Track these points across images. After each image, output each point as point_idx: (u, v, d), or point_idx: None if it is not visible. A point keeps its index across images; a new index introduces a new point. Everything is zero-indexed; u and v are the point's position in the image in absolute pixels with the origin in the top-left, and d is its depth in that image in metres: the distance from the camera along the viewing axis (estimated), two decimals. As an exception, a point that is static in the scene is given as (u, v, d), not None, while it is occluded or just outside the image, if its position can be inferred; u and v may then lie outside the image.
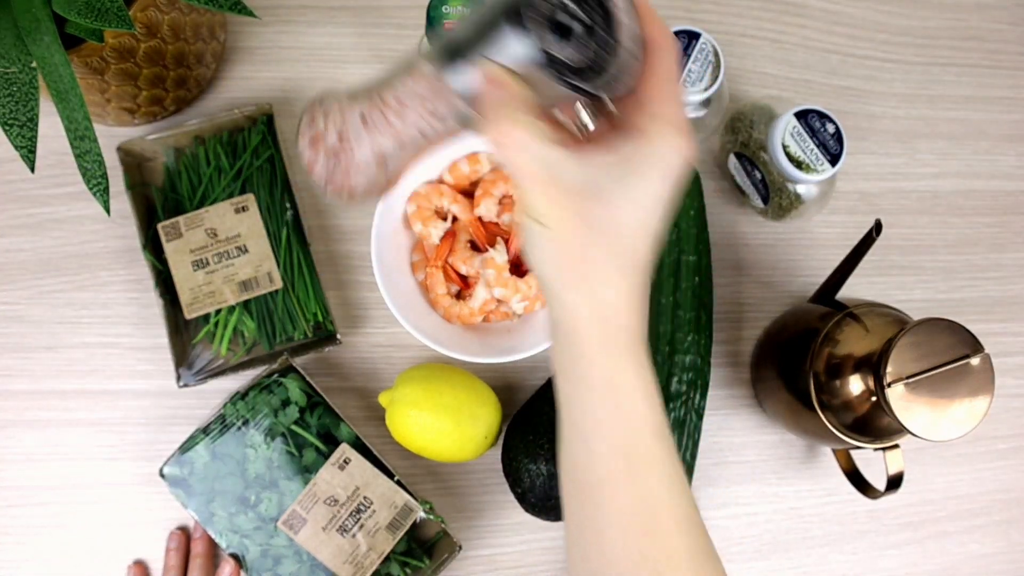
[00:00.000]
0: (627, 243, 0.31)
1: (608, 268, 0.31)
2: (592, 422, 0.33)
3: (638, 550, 0.32)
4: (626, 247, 0.31)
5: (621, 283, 0.31)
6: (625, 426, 0.32)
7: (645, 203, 0.31)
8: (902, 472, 0.55)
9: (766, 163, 0.59)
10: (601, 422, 0.32)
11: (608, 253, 0.31)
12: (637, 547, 0.33)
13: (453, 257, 0.59)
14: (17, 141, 0.43)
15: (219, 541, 0.54)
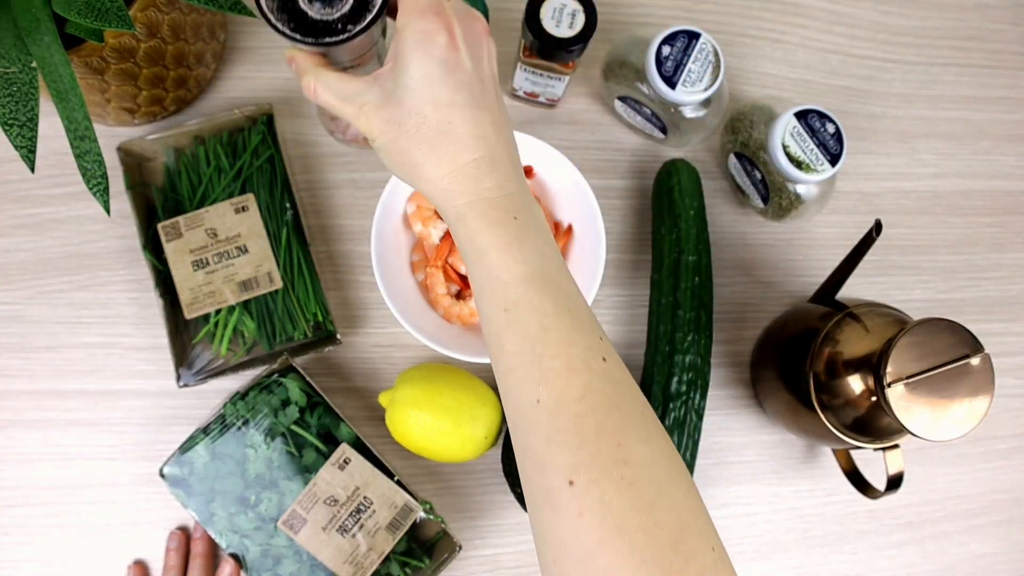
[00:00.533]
0: (426, 122, 0.37)
1: (422, 152, 0.37)
2: (476, 287, 0.37)
3: (534, 396, 0.34)
4: (427, 126, 0.37)
5: (433, 159, 0.37)
6: (494, 283, 0.36)
7: (420, 84, 0.37)
8: (902, 472, 0.55)
9: (766, 163, 0.59)
10: (480, 284, 0.37)
11: (418, 140, 0.37)
12: (532, 395, 0.34)
13: (453, 257, 0.59)
14: (17, 141, 0.43)
15: (219, 541, 0.54)
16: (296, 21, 0.38)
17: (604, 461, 0.33)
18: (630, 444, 0.33)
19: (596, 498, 0.32)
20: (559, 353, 0.34)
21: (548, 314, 0.35)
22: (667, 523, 0.32)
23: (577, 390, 0.34)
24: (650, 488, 0.33)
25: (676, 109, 0.58)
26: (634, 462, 0.33)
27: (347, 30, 0.38)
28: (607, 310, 0.64)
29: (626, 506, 0.32)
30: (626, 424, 0.34)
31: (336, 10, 0.38)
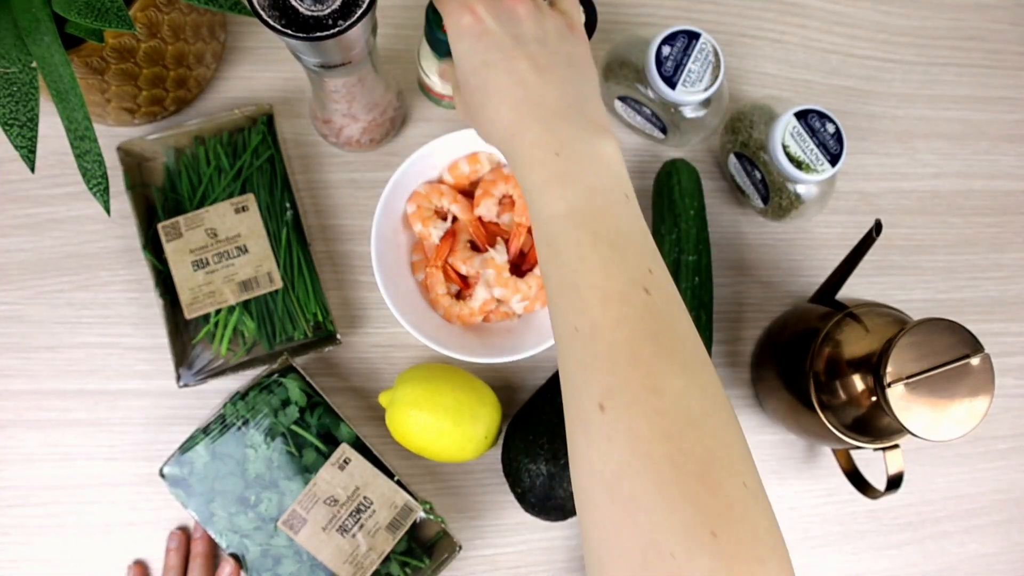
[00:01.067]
0: (471, 88, 0.41)
1: (478, 114, 0.42)
2: (532, 222, 0.40)
3: (572, 324, 0.36)
4: (473, 91, 0.41)
5: (484, 117, 0.41)
6: (536, 219, 0.38)
7: (459, 59, 0.41)
8: (902, 472, 0.55)
9: (766, 163, 0.59)
10: (533, 220, 0.39)
11: (473, 106, 0.42)
12: (571, 322, 0.36)
13: (453, 257, 0.59)
14: (17, 141, 0.43)
15: (219, 541, 0.54)
16: (288, 17, 0.38)
17: (635, 388, 0.33)
18: (663, 373, 0.34)
19: (624, 424, 0.33)
20: (595, 283, 0.36)
21: (585, 247, 0.36)
22: (694, 454, 0.32)
23: (612, 319, 0.35)
24: (680, 418, 0.33)
25: (676, 109, 0.58)
26: (666, 391, 0.33)
27: (337, 26, 0.39)
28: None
29: (654, 434, 0.33)
30: (661, 354, 0.34)
31: (326, 6, 0.39)
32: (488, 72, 0.40)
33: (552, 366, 0.63)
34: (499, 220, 0.60)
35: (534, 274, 0.59)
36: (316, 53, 0.42)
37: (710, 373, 0.35)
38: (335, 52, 0.42)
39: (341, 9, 0.39)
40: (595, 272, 0.36)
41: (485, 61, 0.40)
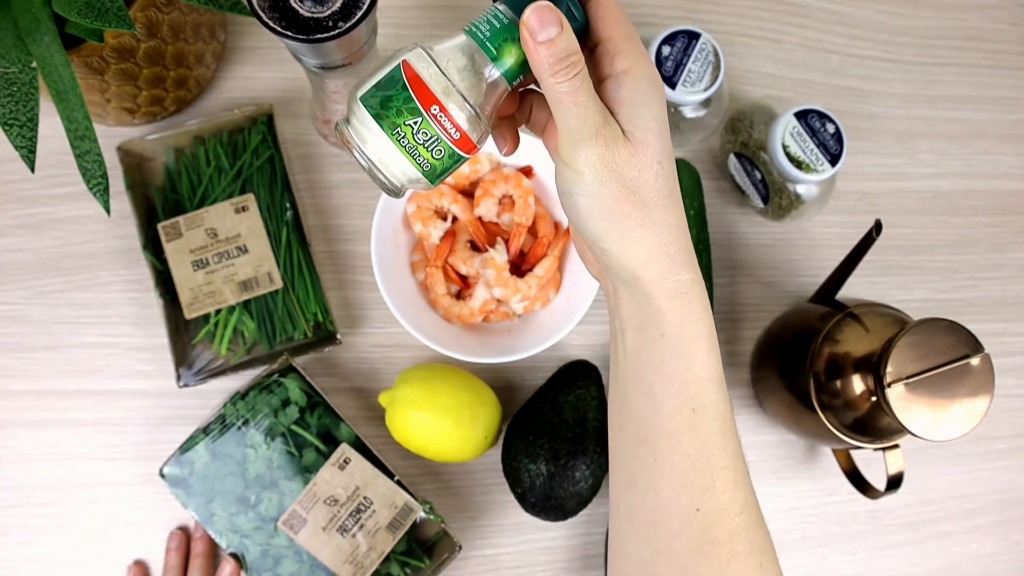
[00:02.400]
0: (663, 174, 0.32)
1: (650, 209, 0.32)
2: (659, 374, 0.33)
3: (694, 504, 0.33)
4: (663, 179, 0.32)
5: (659, 217, 0.32)
6: (690, 377, 0.33)
7: (659, 131, 0.32)
8: (902, 472, 0.55)
9: (766, 163, 0.59)
10: (671, 373, 0.33)
11: (650, 193, 0.32)
12: (693, 501, 0.33)
13: (453, 257, 0.59)
14: (17, 141, 0.43)
15: (219, 541, 0.54)
16: (288, 19, 0.38)
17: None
18: (770, 564, 0.34)
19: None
20: (731, 464, 0.34)
21: (728, 421, 0.34)
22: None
23: (739, 504, 0.34)
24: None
25: (676, 109, 0.58)
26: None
27: (338, 27, 0.39)
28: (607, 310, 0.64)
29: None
30: (766, 543, 0.34)
31: (327, 8, 0.39)
32: (669, 166, 0.33)
33: (552, 366, 0.63)
34: (499, 220, 0.60)
35: (534, 274, 0.59)
36: (316, 54, 0.42)
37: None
38: (335, 53, 0.42)
39: (341, 11, 0.39)
40: (733, 452, 0.34)
41: (669, 152, 0.33)
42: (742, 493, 0.34)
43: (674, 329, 0.33)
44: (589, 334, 0.64)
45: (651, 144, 0.32)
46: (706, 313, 0.33)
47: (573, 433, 0.55)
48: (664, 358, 0.33)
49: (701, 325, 0.33)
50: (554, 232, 0.60)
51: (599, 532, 0.63)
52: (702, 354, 0.33)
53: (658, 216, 0.32)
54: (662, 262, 0.32)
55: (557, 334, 0.55)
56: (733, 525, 0.33)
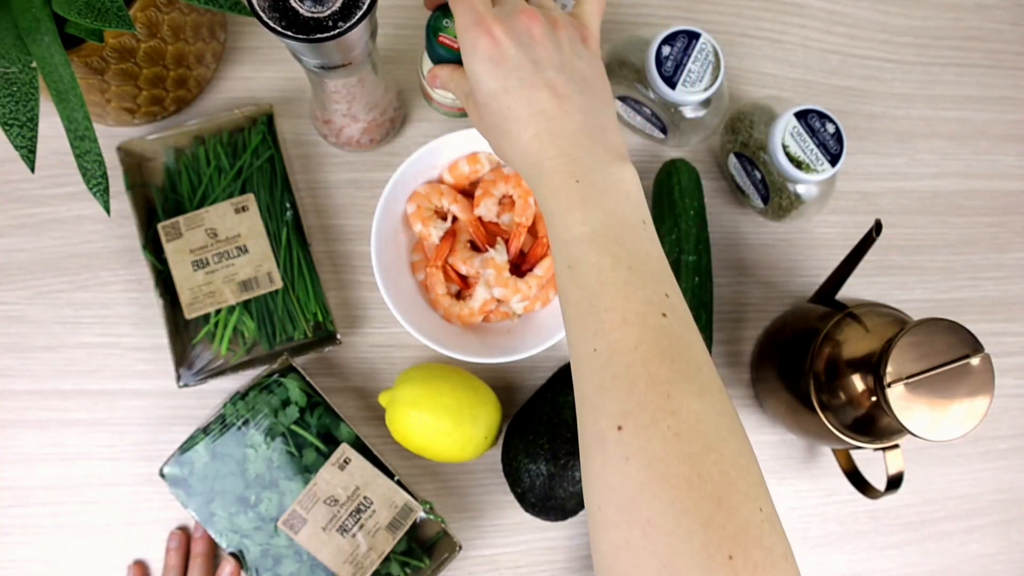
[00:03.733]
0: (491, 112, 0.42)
1: (498, 138, 0.42)
2: (552, 246, 0.41)
3: (591, 345, 0.37)
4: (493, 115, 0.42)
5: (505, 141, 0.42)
6: (558, 242, 0.39)
7: (477, 82, 0.41)
8: (902, 472, 0.55)
9: (766, 163, 0.59)
10: (552, 243, 0.40)
11: (493, 129, 0.42)
12: (589, 342, 0.37)
13: (453, 257, 0.59)
14: (17, 141, 0.43)
15: (219, 541, 0.54)
16: (287, 19, 0.39)
17: (652, 409, 0.34)
18: (680, 396, 0.34)
19: (642, 445, 0.33)
20: (614, 306, 0.36)
21: (605, 270, 0.37)
22: (712, 476, 0.33)
23: (631, 341, 0.35)
24: (697, 440, 0.34)
25: (676, 109, 0.58)
26: (683, 413, 0.34)
27: (337, 27, 0.39)
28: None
29: (671, 455, 0.33)
30: (678, 377, 0.35)
31: (326, 8, 0.39)
32: (508, 99, 0.40)
33: (552, 366, 0.63)
34: (499, 220, 0.60)
35: (534, 274, 0.59)
36: (316, 54, 0.42)
37: (725, 398, 0.36)
38: (335, 53, 0.42)
39: (341, 10, 0.39)
40: (614, 294, 0.36)
41: (505, 87, 0.40)
42: (633, 331, 0.36)
43: (542, 205, 0.41)
44: (589, 334, 0.64)
45: (476, 98, 0.42)
46: (562, 189, 0.39)
47: (573, 433, 0.55)
48: (548, 229, 0.41)
49: (553, 198, 0.39)
50: (554, 232, 0.60)
51: (599, 532, 0.63)
52: (559, 222, 0.39)
53: (504, 142, 0.42)
54: (522, 171, 0.42)
55: (557, 334, 0.56)
56: (628, 359, 0.35)
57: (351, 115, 0.56)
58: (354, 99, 0.53)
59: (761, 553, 0.32)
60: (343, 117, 0.56)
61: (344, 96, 0.52)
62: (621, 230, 0.38)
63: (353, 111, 0.55)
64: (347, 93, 0.51)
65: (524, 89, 0.40)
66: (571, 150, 0.40)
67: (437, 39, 0.51)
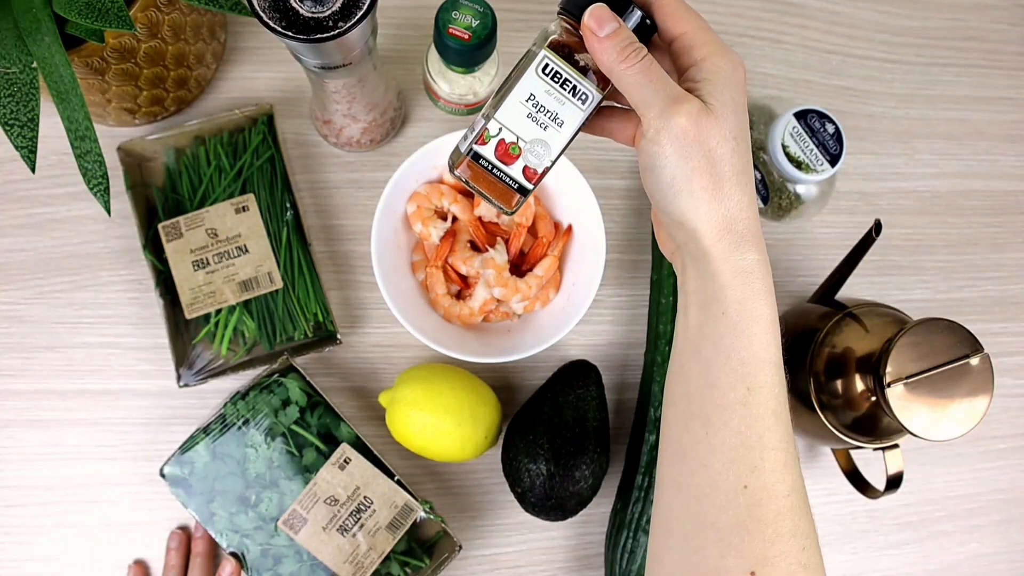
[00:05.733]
0: (737, 150, 0.34)
1: (721, 183, 0.34)
2: (717, 350, 0.34)
3: (742, 481, 0.34)
4: (737, 156, 0.34)
5: (733, 192, 0.34)
6: (752, 355, 0.34)
7: (735, 110, 0.34)
8: (902, 472, 0.55)
9: (766, 163, 0.59)
10: (728, 350, 0.34)
11: (723, 167, 0.33)
12: (741, 478, 0.34)
13: (453, 257, 0.59)
14: (18, 141, 0.43)
15: (219, 541, 0.54)
16: (288, 19, 0.39)
17: (790, 562, 0.33)
18: (813, 549, 0.34)
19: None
20: (781, 446, 0.34)
21: (782, 404, 0.35)
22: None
23: (787, 486, 0.34)
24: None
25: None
26: (813, 568, 0.34)
27: (337, 27, 0.39)
28: (607, 310, 0.64)
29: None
30: (811, 529, 0.34)
31: (327, 8, 0.39)
32: (744, 146, 0.34)
33: (552, 366, 0.63)
34: (499, 220, 0.60)
35: (534, 274, 0.59)
36: (316, 54, 0.42)
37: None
38: (335, 53, 0.42)
39: (341, 11, 0.39)
40: (782, 435, 0.34)
41: (745, 133, 0.34)
42: (790, 476, 0.34)
43: (735, 307, 0.34)
44: (589, 334, 0.64)
45: (730, 119, 0.33)
46: (769, 295, 0.34)
47: (573, 433, 0.56)
48: (723, 335, 0.34)
49: (762, 306, 0.34)
50: (554, 232, 0.61)
51: (599, 532, 0.63)
52: (760, 335, 0.34)
53: (730, 190, 0.33)
54: (730, 239, 0.34)
55: (557, 334, 0.56)
56: (779, 506, 0.34)
57: (351, 115, 0.56)
58: (354, 99, 0.53)
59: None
60: (343, 117, 0.56)
61: (344, 96, 0.52)
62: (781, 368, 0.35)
63: (353, 111, 0.55)
64: (347, 93, 0.51)
65: (747, 144, 0.35)
66: (764, 256, 0.35)
67: (447, 31, 0.51)
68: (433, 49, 0.56)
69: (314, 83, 0.52)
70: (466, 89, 0.58)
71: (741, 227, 0.34)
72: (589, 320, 0.64)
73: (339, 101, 0.53)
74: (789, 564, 0.33)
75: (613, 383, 0.64)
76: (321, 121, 0.59)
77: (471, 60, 0.54)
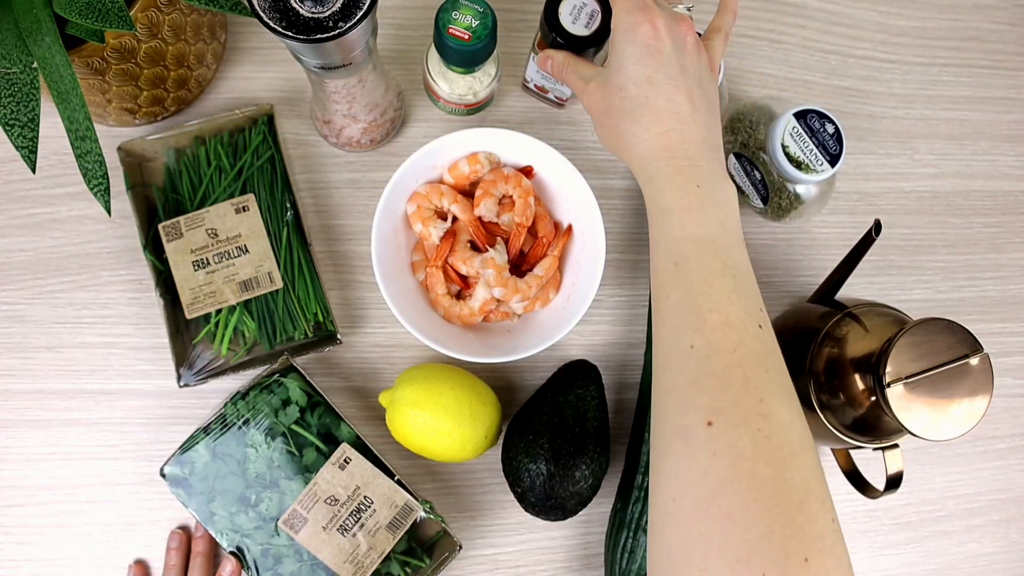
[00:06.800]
0: (627, 96, 0.43)
1: (624, 123, 0.44)
2: (653, 243, 0.42)
3: (687, 342, 0.37)
4: (628, 100, 0.43)
5: (632, 128, 0.43)
6: (668, 238, 0.40)
7: (624, 63, 0.44)
8: (901, 472, 0.55)
9: (766, 163, 0.59)
10: (656, 240, 0.42)
11: (621, 113, 0.44)
12: (686, 340, 0.38)
13: (453, 257, 0.59)
14: (18, 141, 0.43)
15: (220, 540, 0.54)
16: (288, 19, 0.39)
17: (745, 410, 0.35)
18: (772, 402, 0.35)
19: (731, 442, 0.34)
20: (719, 308, 0.37)
21: (714, 272, 0.38)
22: (795, 483, 0.34)
23: (731, 342, 0.36)
24: (784, 446, 0.35)
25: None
26: (773, 419, 0.35)
27: (338, 27, 0.39)
28: (607, 310, 0.65)
29: (759, 455, 0.34)
30: (771, 385, 0.36)
31: (327, 8, 0.39)
32: (650, 89, 0.42)
33: (552, 366, 0.63)
34: (499, 220, 0.60)
35: (534, 274, 0.59)
36: (316, 55, 0.42)
37: (803, 416, 0.37)
38: (335, 54, 0.42)
39: (341, 11, 0.39)
40: (719, 297, 0.38)
41: (650, 78, 0.42)
42: (735, 334, 0.37)
43: (651, 204, 0.42)
44: (589, 334, 0.64)
45: (612, 78, 0.44)
46: (679, 190, 0.41)
47: (573, 433, 0.56)
48: (652, 227, 0.42)
49: (668, 198, 0.41)
50: (554, 232, 0.61)
51: (599, 532, 0.63)
52: (673, 221, 0.41)
53: (628, 127, 0.43)
54: (637, 160, 0.43)
55: (557, 334, 0.56)
56: (727, 360, 0.36)
57: (351, 115, 0.56)
58: (354, 99, 0.53)
59: (833, 561, 0.33)
60: (343, 117, 0.56)
61: (344, 96, 0.52)
62: (729, 240, 0.40)
63: (353, 111, 0.55)
64: (347, 93, 0.51)
65: (668, 86, 0.42)
66: (696, 157, 0.42)
67: (447, 31, 0.51)
68: (433, 49, 0.56)
69: (314, 83, 0.52)
70: (466, 89, 0.58)
71: (642, 148, 0.43)
72: (589, 320, 0.64)
73: (339, 101, 0.53)
74: (744, 413, 0.35)
75: (613, 383, 0.64)
76: (321, 121, 0.59)
77: (471, 60, 0.54)
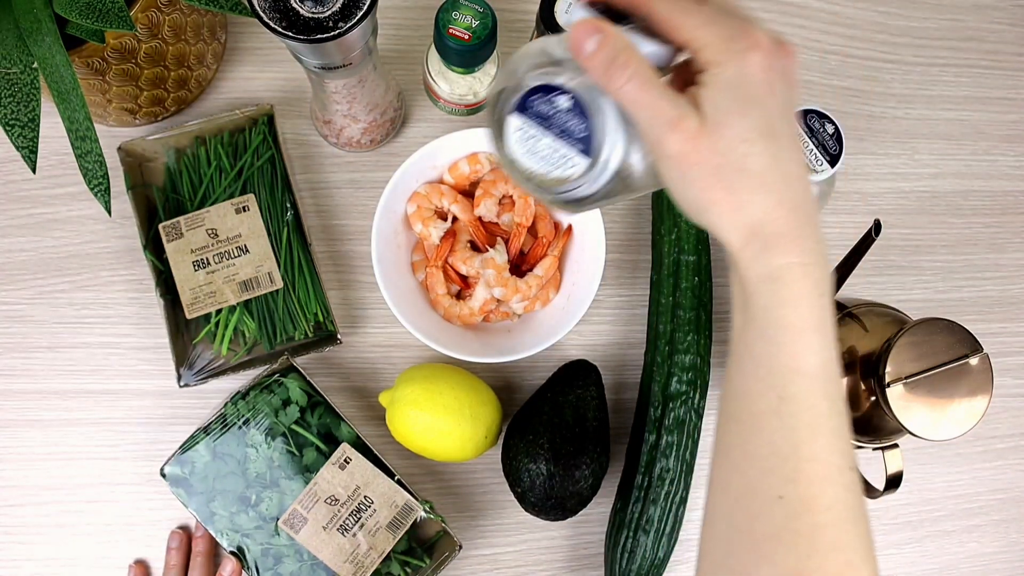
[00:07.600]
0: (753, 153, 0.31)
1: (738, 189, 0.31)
2: (751, 356, 0.34)
3: (777, 491, 0.33)
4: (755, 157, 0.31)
5: (757, 197, 0.31)
6: (777, 364, 0.33)
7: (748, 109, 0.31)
8: (901, 472, 0.55)
9: (765, 163, 0.59)
10: (757, 356, 0.33)
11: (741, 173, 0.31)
12: (775, 489, 0.33)
13: (453, 257, 0.59)
14: (19, 142, 0.43)
15: (220, 540, 0.55)
16: (288, 19, 0.39)
17: (827, 575, 0.32)
18: (856, 564, 0.33)
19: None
20: (819, 458, 0.33)
21: (820, 415, 0.33)
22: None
23: (827, 500, 0.33)
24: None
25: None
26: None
27: (338, 27, 0.39)
28: (607, 310, 0.65)
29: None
30: (857, 543, 0.33)
31: (327, 8, 0.39)
32: (775, 146, 0.31)
33: (552, 366, 0.63)
34: (499, 220, 0.60)
35: (534, 274, 0.59)
36: (317, 55, 0.42)
37: (876, 559, 0.34)
38: (335, 54, 0.42)
39: (342, 11, 0.39)
40: (822, 447, 0.33)
41: (773, 130, 0.31)
42: (832, 489, 0.33)
43: (762, 314, 0.32)
44: (589, 334, 0.64)
45: (732, 125, 0.31)
46: (804, 301, 0.32)
47: (573, 433, 0.56)
48: (755, 341, 0.33)
49: (791, 314, 0.32)
50: (554, 232, 0.61)
51: (599, 532, 0.63)
52: (788, 344, 0.32)
53: (748, 197, 0.31)
54: (756, 245, 0.32)
55: (557, 334, 0.56)
56: (818, 520, 0.33)
57: (351, 115, 0.56)
58: (354, 99, 0.53)
59: None
60: (343, 118, 0.56)
61: (344, 96, 0.52)
62: (836, 369, 0.33)
63: (353, 111, 0.55)
64: (347, 93, 0.51)
65: (788, 139, 0.31)
66: (816, 246, 0.32)
67: (447, 31, 0.51)
68: (433, 49, 0.56)
69: (314, 83, 0.52)
70: (466, 89, 0.58)
71: (769, 231, 0.31)
72: (589, 320, 0.64)
73: (339, 101, 0.53)
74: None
75: (613, 383, 0.64)
76: (321, 121, 0.59)
77: (471, 60, 0.54)
